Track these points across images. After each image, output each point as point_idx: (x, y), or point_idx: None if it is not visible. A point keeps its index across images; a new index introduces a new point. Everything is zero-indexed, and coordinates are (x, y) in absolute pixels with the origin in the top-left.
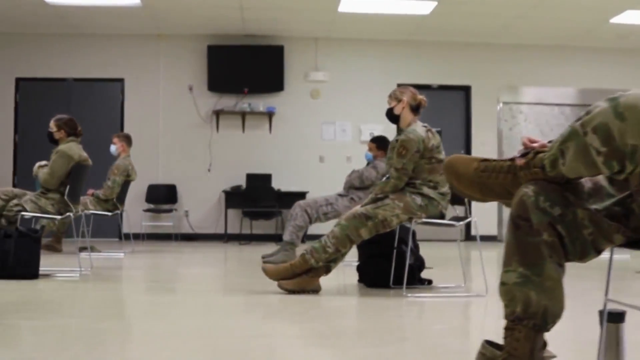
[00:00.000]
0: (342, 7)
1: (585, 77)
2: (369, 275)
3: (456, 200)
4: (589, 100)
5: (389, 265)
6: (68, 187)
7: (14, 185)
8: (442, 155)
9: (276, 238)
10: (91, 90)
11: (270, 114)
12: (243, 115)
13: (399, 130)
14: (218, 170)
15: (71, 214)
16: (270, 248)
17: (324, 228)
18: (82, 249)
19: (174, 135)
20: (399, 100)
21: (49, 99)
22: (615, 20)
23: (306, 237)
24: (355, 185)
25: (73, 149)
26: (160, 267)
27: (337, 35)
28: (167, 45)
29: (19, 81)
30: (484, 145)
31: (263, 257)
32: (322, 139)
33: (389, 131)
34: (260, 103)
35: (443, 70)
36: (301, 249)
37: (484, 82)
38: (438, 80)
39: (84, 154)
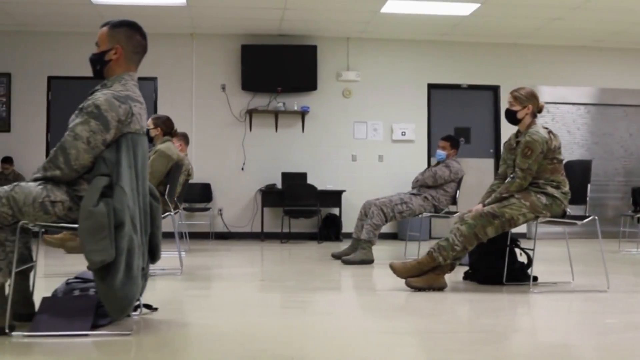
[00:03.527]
0: (386, 8)
1: (609, 76)
2: (481, 273)
3: (575, 199)
4: (614, 100)
5: (502, 262)
6: (168, 186)
7: None
8: (563, 156)
9: (315, 236)
10: None
11: (303, 113)
12: (276, 114)
13: (517, 132)
14: (252, 169)
15: (171, 214)
16: (310, 246)
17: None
18: None
19: (207, 134)
20: (525, 106)
21: (81, 98)
22: None
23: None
24: (428, 184)
25: (171, 148)
26: (244, 264)
27: (368, 36)
28: (200, 45)
29: (50, 79)
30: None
31: (334, 256)
32: (354, 138)
33: (420, 130)
34: (294, 102)
35: (472, 70)
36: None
37: (513, 82)
38: (468, 80)
39: (181, 154)
